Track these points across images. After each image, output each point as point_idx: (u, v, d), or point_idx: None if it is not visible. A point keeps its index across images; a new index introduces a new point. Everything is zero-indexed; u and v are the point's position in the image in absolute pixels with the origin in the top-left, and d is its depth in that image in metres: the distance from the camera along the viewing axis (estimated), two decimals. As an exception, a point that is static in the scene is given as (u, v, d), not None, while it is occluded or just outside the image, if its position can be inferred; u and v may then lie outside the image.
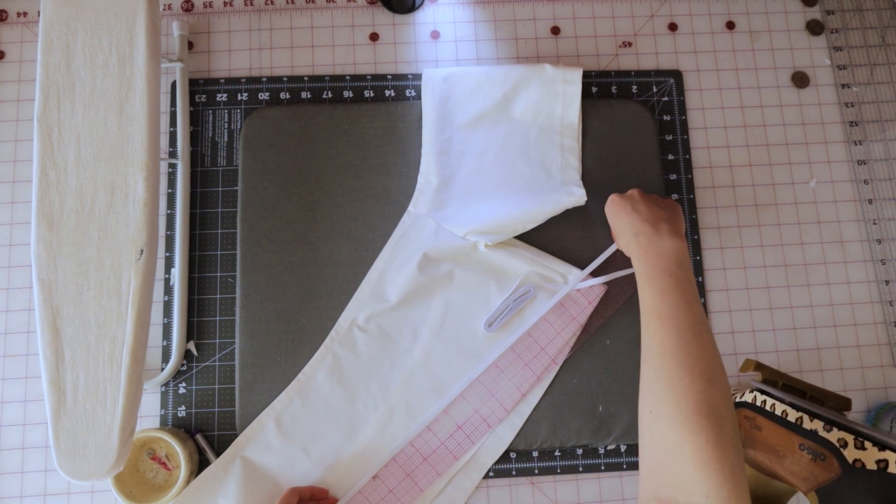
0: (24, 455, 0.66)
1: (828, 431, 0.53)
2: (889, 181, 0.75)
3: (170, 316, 0.68)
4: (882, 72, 0.77)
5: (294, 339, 0.67)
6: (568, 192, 0.67)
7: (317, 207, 0.70)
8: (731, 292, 0.72)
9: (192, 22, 0.75)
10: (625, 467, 0.68)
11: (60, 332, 0.55)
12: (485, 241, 0.67)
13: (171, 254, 0.69)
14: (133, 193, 0.57)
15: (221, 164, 0.72)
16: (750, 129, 0.76)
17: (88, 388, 0.54)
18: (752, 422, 0.62)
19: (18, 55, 0.73)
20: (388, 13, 0.77)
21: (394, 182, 0.71)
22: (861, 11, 0.79)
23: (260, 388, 0.66)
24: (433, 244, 0.68)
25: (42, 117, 0.57)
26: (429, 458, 0.65)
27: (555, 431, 0.66)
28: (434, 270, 0.68)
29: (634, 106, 0.73)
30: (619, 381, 0.68)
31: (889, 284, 0.73)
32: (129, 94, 0.58)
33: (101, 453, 0.53)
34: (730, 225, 0.74)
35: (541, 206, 0.67)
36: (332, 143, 0.71)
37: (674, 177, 0.74)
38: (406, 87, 0.74)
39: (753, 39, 0.78)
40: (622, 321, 0.69)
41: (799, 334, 0.72)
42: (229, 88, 0.73)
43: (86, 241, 0.56)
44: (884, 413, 0.68)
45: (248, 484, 0.63)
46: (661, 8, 0.78)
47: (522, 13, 0.77)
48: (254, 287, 0.68)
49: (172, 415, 0.67)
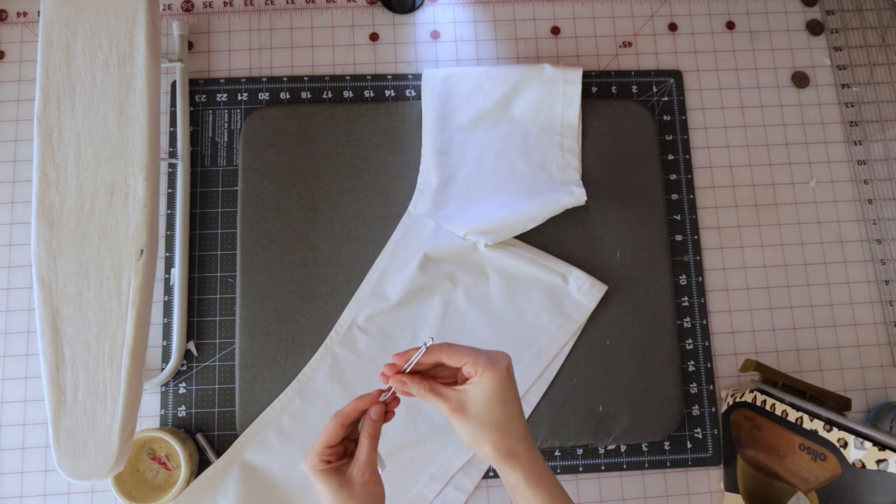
0: (24, 455, 0.66)
1: (828, 431, 0.53)
2: (889, 181, 0.75)
3: (170, 316, 0.68)
4: (882, 72, 0.77)
5: (294, 339, 0.67)
6: (568, 192, 0.67)
7: (317, 207, 0.70)
8: (731, 292, 0.72)
9: (192, 22, 0.75)
10: (625, 467, 0.68)
11: (60, 332, 0.55)
12: (485, 241, 0.67)
13: (171, 254, 0.69)
14: (133, 193, 0.57)
15: (221, 164, 0.72)
16: (750, 129, 0.76)
17: (88, 388, 0.54)
18: (752, 422, 0.62)
19: (18, 55, 0.73)
20: (388, 13, 0.77)
21: (394, 182, 0.71)
22: (861, 11, 0.79)
23: (260, 388, 0.66)
24: (433, 244, 0.68)
25: (42, 117, 0.57)
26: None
27: (555, 431, 0.66)
28: (434, 270, 0.68)
29: (634, 106, 0.73)
30: (619, 381, 0.68)
31: (889, 284, 0.73)
32: (129, 94, 0.58)
33: (101, 453, 0.53)
34: (730, 225, 0.74)
35: (541, 205, 0.67)
36: (332, 143, 0.71)
37: (674, 177, 0.74)
38: (406, 87, 0.74)
39: (753, 39, 0.78)
40: (622, 321, 0.69)
41: (799, 334, 0.72)
42: (229, 88, 0.73)
43: (86, 241, 0.56)
44: (884, 413, 0.68)
45: (248, 484, 0.63)
46: (661, 8, 0.78)
47: (522, 13, 0.77)
48: (254, 287, 0.68)
49: (172, 415, 0.67)
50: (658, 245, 0.71)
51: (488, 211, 0.68)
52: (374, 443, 0.44)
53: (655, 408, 0.67)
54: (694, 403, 0.70)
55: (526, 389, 0.66)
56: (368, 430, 0.44)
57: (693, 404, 0.70)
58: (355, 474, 0.43)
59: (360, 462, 0.44)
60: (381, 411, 0.45)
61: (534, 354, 0.67)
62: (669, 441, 0.69)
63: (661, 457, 0.68)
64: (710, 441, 0.69)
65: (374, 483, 0.44)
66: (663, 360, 0.68)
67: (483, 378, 0.43)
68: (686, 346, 0.70)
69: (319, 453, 0.44)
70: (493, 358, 0.44)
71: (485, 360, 0.44)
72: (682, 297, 0.71)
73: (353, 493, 0.43)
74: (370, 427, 0.44)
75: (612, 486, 0.68)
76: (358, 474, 0.43)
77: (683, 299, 0.71)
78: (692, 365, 0.70)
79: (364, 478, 0.43)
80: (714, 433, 0.69)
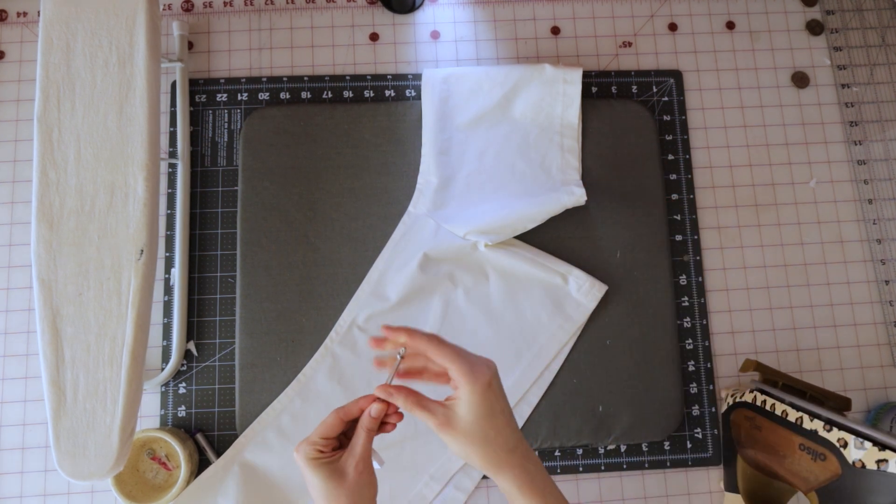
0: (24, 455, 0.66)
1: (828, 431, 0.53)
2: (889, 181, 0.75)
3: (170, 316, 0.68)
4: (882, 72, 0.77)
5: (294, 339, 0.67)
6: (568, 192, 0.67)
7: (317, 207, 0.70)
8: (731, 292, 0.72)
9: (192, 22, 0.75)
10: (625, 467, 0.68)
11: (60, 332, 0.55)
12: (485, 240, 0.67)
13: (171, 254, 0.69)
14: (133, 193, 0.57)
15: (221, 164, 0.72)
16: (750, 129, 0.76)
17: (88, 388, 0.54)
18: (752, 422, 0.62)
19: (18, 55, 0.73)
20: (388, 13, 0.77)
21: (394, 182, 0.71)
22: (861, 11, 0.79)
23: (260, 388, 0.66)
24: (433, 244, 0.68)
25: (42, 117, 0.57)
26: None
27: (555, 431, 0.66)
28: (434, 270, 0.68)
29: (634, 106, 0.73)
30: (619, 381, 0.68)
31: (889, 284, 0.73)
32: (129, 94, 0.58)
33: (101, 453, 0.53)
34: (730, 225, 0.74)
35: (541, 206, 0.67)
36: (332, 143, 0.71)
37: (674, 177, 0.74)
38: (406, 87, 0.74)
39: (753, 39, 0.78)
40: (622, 321, 0.69)
41: (799, 334, 0.72)
42: (229, 88, 0.73)
43: (86, 241, 0.56)
44: (884, 413, 0.68)
45: (248, 484, 0.63)
46: (661, 8, 0.78)
47: (522, 13, 0.77)
48: (254, 287, 0.68)
49: (172, 415, 0.67)
50: (658, 245, 0.71)
51: (488, 211, 0.68)
52: (370, 437, 0.44)
53: (655, 408, 0.67)
54: (694, 403, 0.70)
55: (526, 389, 0.66)
56: (367, 424, 0.44)
57: (693, 404, 0.70)
58: (349, 465, 0.43)
59: (354, 453, 0.44)
60: (382, 409, 0.45)
61: (534, 354, 0.67)
62: (669, 441, 0.69)
63: (661, 457, 0.68)
64: (710, 441, 0.69)
65: (368, 475, 0.44)
66: (663, 360, 0.68)
67: (466, 393, 0.43)
68: (686, 346, 0.70)
69: (314, 443, 0.44)
70: (476, 370, 0.43)
71: (467, 371, 0.43)
72: (682, 297, 0.71)
73: (343, 483, 0.43)
74: (369, 423, 0.44)
75: (612, 486, 0.68)
76: (352, 465, 0.43)
77: (683, 299, 0.71)
78: (692, 365, 0.70)
79: (358, 469, 0.43)
80: (714, 433, 0.69)
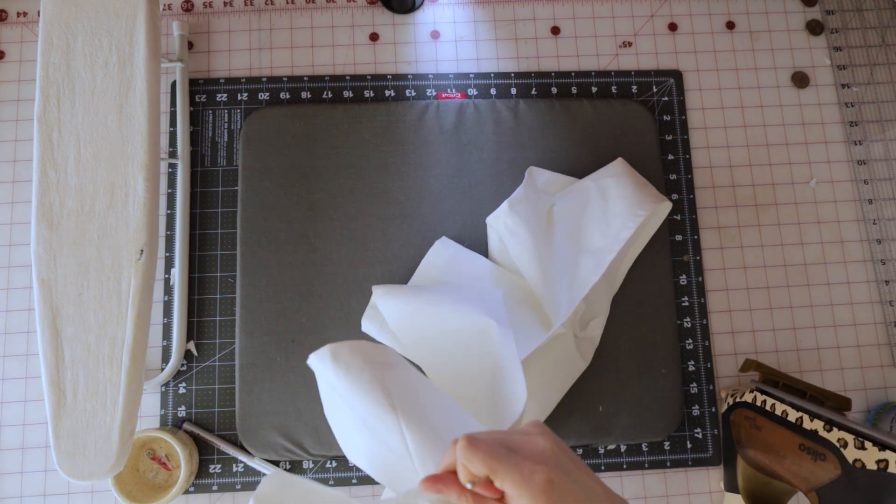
0: (24, 455, 0.66)
1: (828, 431, 0.53)
2: (889, 181, 0.75)
3: (170, 316, 0.68)
4: (882, 72, 0.77)
5: (294, 339, 0.67)
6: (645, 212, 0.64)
7: (317, 207, 0.70)
8: (731, 292, 0.72)
9: (192, 22, 0.75)
10: (625, 467, 0.68)
11: (60, 332, 0.55)
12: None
13: (171, 254, 0.69)
14: (133, 193, 0.57)
15: (221, 164, 0.72)
16: (750, 129, 0.76)
17: (88, 388, 0.54)
18: (752, 422, 0.62)
19: (18, 55, 0.73)
20: (388, 13, 0.77)
21: (394, 182, 0.71)
22: (861, 11, 0.79)
23: (260, 388, 0.66)
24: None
25: (42, 117, 0.57)
26: None
27: (555, 431, 0.66)
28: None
29: (634, 106, 0.73)
30: (619, 381, 0.68)
31: (889, 284, 0.73)
32: (129, 94, 0.58)
33: (101, 453, 0.53)
34: (730, 225, 0.74)
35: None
36: (332, 143, 0.71)
37: (674, 177, 0.74)
38: (406, 87, 0.74)
39: (753, 39, 0.78)
40: (622, 321, 0.69)
41: (799, 334, 0.72)
42: (229, 88, 0.73)
43: (86, 241, 0.56)
44: (884, 413, 0.68)
45: None
46: (661, 8, 0.78)
47: (522, 13, 0.77)
48: (254, 287, 0.68)
49: (172, 415, 0.67)
50: (658, 245, 0.71)
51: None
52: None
53: (655, 408, 0.67)
54: (694, 403, 0.70)
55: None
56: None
57: (693, 404, 0.70)
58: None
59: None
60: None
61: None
62: (669, 441, 0.69)
63: (661, 457, 0.68)
64: (710, 441, 0.69)
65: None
66: (663, 360, 0.68)
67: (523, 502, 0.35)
68: (686, 346, 0.70)
69: None
70: (527, 473, 0.35)
71: (517, 481, 0.35)
72: (682, 297, 0.71)
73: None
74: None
75: (612, 486, 0.68)
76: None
77: (683, 299, 0.71)
78: (692, 365, 0.70)
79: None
80: (714, 433, 0.69)
